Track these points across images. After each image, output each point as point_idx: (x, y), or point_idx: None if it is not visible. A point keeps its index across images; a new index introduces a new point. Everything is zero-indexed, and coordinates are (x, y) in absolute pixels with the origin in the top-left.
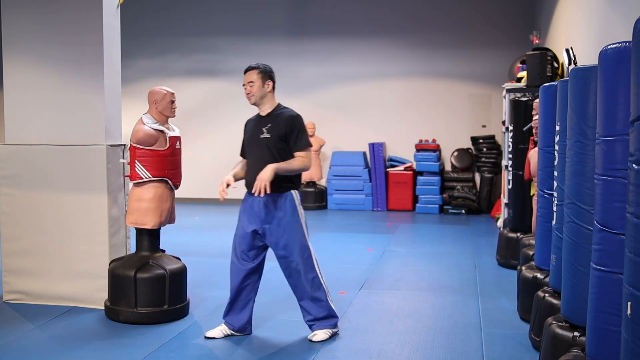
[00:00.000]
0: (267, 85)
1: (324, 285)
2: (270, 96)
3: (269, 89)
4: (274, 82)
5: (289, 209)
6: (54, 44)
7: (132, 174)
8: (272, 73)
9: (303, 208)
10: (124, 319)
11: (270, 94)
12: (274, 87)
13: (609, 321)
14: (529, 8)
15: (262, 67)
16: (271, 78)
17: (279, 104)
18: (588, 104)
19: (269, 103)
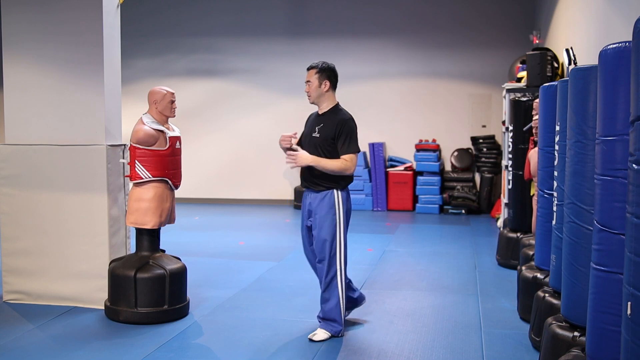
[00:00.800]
0: (324, 85)
1: (340, 291)
2: (328, 96)
3: (326, 89)
4: (333, 81)
5: (326, 206)
6: (54, 44)
7: (132, 174)
8: (331, 72)
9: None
10: (124, 319)
11: (328, 94)
12: (334, 87)
13: (609, 321)
14: (529, 8)
15: (320, 67)
16: (329, 78)
17: (337, 104)
18: (588, 104)
19: (327, 102)
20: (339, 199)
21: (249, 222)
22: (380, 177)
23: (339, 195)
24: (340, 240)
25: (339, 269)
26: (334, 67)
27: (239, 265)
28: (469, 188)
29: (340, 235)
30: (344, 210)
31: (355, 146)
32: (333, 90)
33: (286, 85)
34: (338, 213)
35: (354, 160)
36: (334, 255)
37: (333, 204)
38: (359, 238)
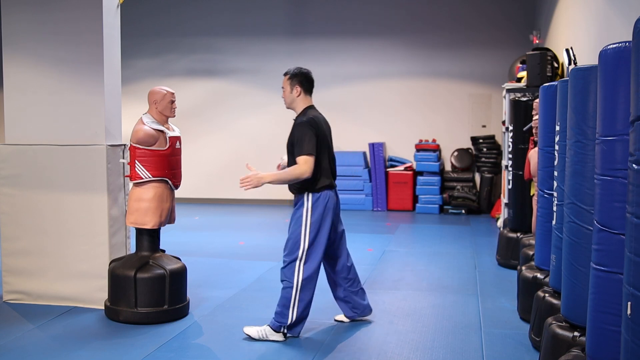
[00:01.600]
0: (296, 91)
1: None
2: (300, 100)
3: (297, 94)
4: (305, 86)
5: (298, 208)
6: (54, 44)
7: (132, 174)
8: (303, 77)
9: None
10: (124, 319)
11: (300, 98)
12: (307, 91)
13: (609, 321)
14: (529, 8)
15: (292, 72)
16: (300, 83)
17: (305, 108)
18: (588, 104)
19: (298, 108)
20: (308, 202)
21: (249, 222)
22: (380, 177)
23: (309, 198)
24: (305, 245)
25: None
26: (306, 72)
27: (239, 265)
28: (469, 188)
29: (304, 241)
30: (313, 215)
31: (305, 147)
32: (306, 94)
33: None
34: (306, 216)
35: (307, 162)
36: (294, 258)
37: (301, 207)
38: (359, 238)
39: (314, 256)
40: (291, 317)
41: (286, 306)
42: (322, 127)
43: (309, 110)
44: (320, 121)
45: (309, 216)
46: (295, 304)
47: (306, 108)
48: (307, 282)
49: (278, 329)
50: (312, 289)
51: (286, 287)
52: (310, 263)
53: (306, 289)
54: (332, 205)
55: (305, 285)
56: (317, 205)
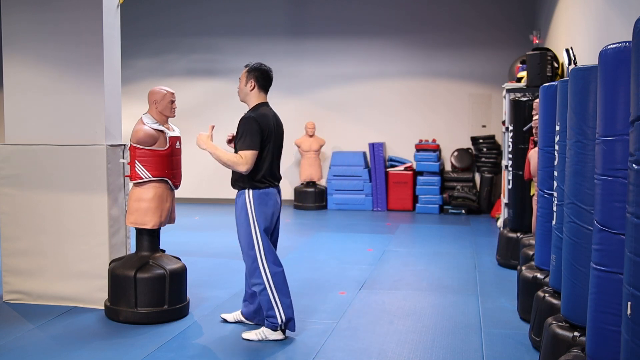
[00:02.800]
0: (250, 85)
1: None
2: (253, 95)
3: (251, 88)
4: (260, 83)
5: (240, 207)
6: (54, 44)
7: (132, 174)
8: (260, 73)
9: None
10: (124, 319)
11: (254, 93)
12: (262, 87)
13: (609, 321)
14: (529, 8)
15: (250, 67)
16: (256, 78)
17: (256, 105)
18: (588, 104)
19: (250, 102)
20: (250, 199)
21: None
22: (380, 177)
23: (250, 195)
24: (258, 243)
25: (263, 272)
26: (266, 69)
27: (239, 265)
28: (469, 188)
29: (256, 238)
30: (257, 211)
31: (247, 143)
32: (260, 90)
33: (286, 85)
34: (251, 212)
35: (246, 157)
36: (255, 259)
37: (244, 204)
38: (359, 238)
39: (269, 252)
40: (280, 317)
41: (271, 309)
42: (270, 124)
43: (261, 107)
44: (268, 118)
45: (254, 213)
46: (278, 303)
47: (258, 104)
48: (276, 276)
49: (275, 329)
50: (284, 281)
51: (261, 291)
52: (270, 257)
53: (279, 284)
54: (273, 202)
55: (277, 280)
56: (260, 201)
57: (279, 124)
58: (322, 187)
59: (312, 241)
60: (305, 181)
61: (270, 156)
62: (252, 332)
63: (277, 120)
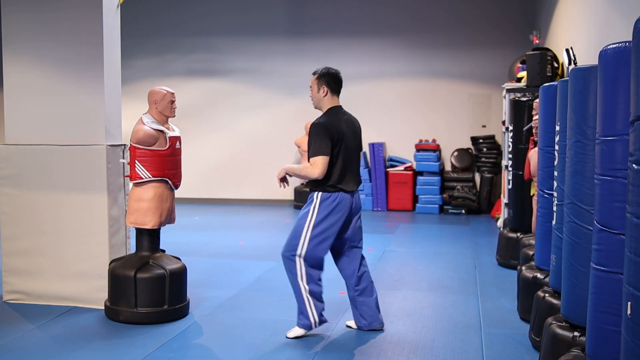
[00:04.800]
0: (322, 90)
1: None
2: (325, 101)
3: (324, 94)
4: (332, 87)
5: (306, 206)
6: (54, 43)
7: (132, 174)
8: (330, 77)
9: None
10: (124, 319)
11: (327, 98)
12: (334, 91)
13: (609, 321)
14: (529, 8)
15: (320, 73)
16: (327, 84)
17: (329, 109)
18: (588, 104)
19: (323, 108)
20: (317, 200)
21: (249, 222)
22: (380, 177)
23: (319, 197)
24: (306, 238)
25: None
26: (334, 73)
27: (239, 265)
28: (469, 188)
29: (306, 233)
30: (318, 212)
31: (317, 149)
32: (333, 94)
33: (286, 85)
34: (312, 213)
35: (316, 163)
36: (294, 249)
37: (310, 203)
38: None
39: (314, 254)
40: (312, 316)
41: (303, 308)
42: (340, 128)
43: (331, 110)
44: (339, 122)
45: (315, 214)
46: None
47: (330, 109)
48: (310, 278)
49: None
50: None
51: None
52: (309, 260)
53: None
54: (344, 208)
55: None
56: (325, 204)
57: (352, 128)
58: None
59: None
60: (305, 181)
61: (341, 161)
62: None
63: (351, 123)
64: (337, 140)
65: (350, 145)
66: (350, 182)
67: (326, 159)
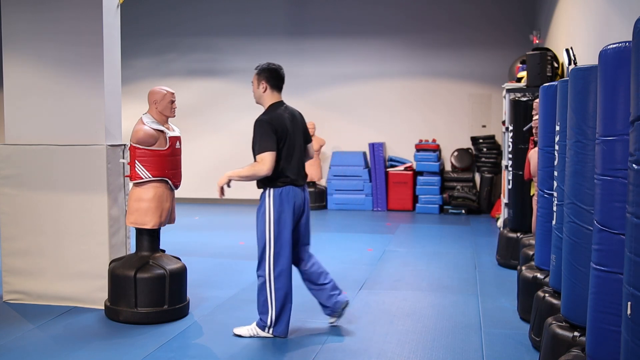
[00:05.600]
0: (262, 86)
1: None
2: (265, 96)
3: (263, 90)
4: (272, 83)
5: (260, 205)
6: (54, 44)
7: (132, 174)
8: (270, 73)
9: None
10: (124, 319)
11: (267, 94)
12: (274, 87)
13: (609, 321)
14: (529, 8)
15: (259, 69)
16: (267, 79)
17: (270, 105)
18: (588, 104)
19: (264, 104)
20: (270, 198)
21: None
22: (380, 177)
23: (271, 194)
24: (270, 240)
25: (267, 268)
26: (274, 68)
27: (239, 265)
28: (469, 188)
29: (269, 235)
30: (275, 210)
31: (263, 145)
32: (273, 90)
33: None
34: (269, 212)
35: (264, 159)
36: (263, 253)
37: (264, 202)
38: (359, 238)
39: (281, 252)
40: (270, 317)
41: (265, 307)
42: (284, 123)
43: (273, 106)
44: (282, 117)
45: (271, 212)
46: (272, 303)
47: (272, 105)
48: (279, 278)
49: (262, 329)
50: (285, 285)
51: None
52: (279, 259)
53: (279, 286)
54: (297, 201)
55: (278, 281)
56: (279, 200)
57: (296, 121)
58: (322, 187)
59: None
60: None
61: (288, 156)
62: (244, 328)
63: (294, 117)
64: (282, 135)
65: (295, 140)
66: (299, 176)
67: (273, 154)
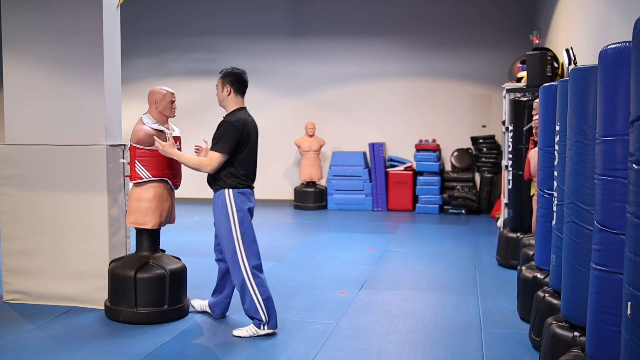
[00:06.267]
0: (226, 90)
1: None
2: (230, 100)
3: (227, 93)
4: (236, 87)
5: (220, 207)
6: (54, 44)
7: (132, 173)
8: (234, 77)
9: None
10: (124, 319)
11: (231, 98)
12: (238, 91)
13: (609, 321)
14: (529, 8)
15: (224, 72)
16: (231, 83)
17: (234, 110)
18: (588, 104)
19: (228, 107)
20: (231, 198)
21: None
22: (380, 177)
23: (231, 193)
24: (238, 239)
25: (242, 267)
26: (239, 73)
27: None
28: (469, 188)
29: (236, 234)
30: (237, 210)
31: (221, 145)
32: (237, 95)
33: (286, 84)
34: (232, 213)
35: (215, 159)
36: (234, 254)
37: (224, 203)
38: (359, 238)
39: (251, 248)
40: (262, 313)
41: (253, 306)
42: (248, 127)
43: (239, 111)
44: (248, 124)
45: (234, 212)
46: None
47: (236, 109)
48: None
49: (259, 327)
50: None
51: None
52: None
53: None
54: (251, 203)
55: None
56: (240, 200)
57: (255, 128)
58: (322, 187)
59: (312, 241)
60: (305, 181)
61: (248, 158)
62: (243, 329)
63: (254, 124)
64: (246, 137)
65: (254, 144)
66: (253, 179)
67: (224, 157)
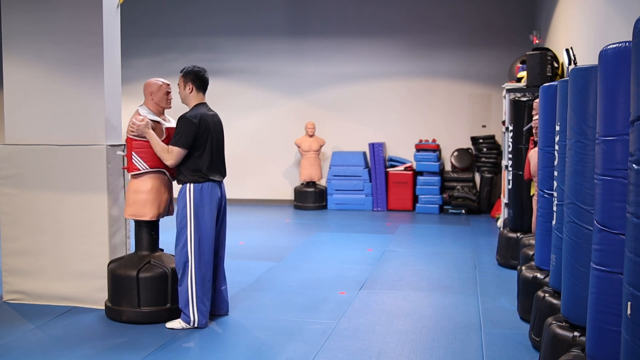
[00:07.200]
0: (188, 88)
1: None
2: (191, 97)
3: (189, 91)
4: (197, 84)
5: (180, 201)
6: (54, 44)
7: (130, 165)
8: (195, 75)
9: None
10: (127, 319)
11: (192, 95)
12: (199, 89)
13: (609, 321)
14: (529, 8)
15: (184, 71)
16: (192, 81)
17: (195, 105)
18: (588, 104)
19: (189, 104)
20: (190, 193)
21: (249, 222)
22: (380, 177)
23: (191, 188)
24: (190, 233)
25: (189, 261)
26: (199, 71)
27: (238, 265)
28: (469, 188)
29: (189, 228)
30: (194, 204)
31: (180, 140)
32: (198, 92)
33: (286, 84)
34: (189, 206)
35: (174, 153)
36: (184, 246)
37: (184, 197)
38: (359, 238)
39: (201, 241)
40: (192, 316)
41: (186, 305)
42: (207, 120)
43: (198, 107)
44: (207, 116)
45: (191, 206)
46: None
47: (197, 105)
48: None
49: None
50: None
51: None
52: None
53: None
54: (216, 197)
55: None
56: (199, 195)
57: (217, 123)
58: (322, 187)
59: (312, 241)
60: (305, 181)
61: (209, 153)
62: (176, 322)
63: (216, 119)
64: (205, 131)
65: (217, 138)
66: (218, 172)
67: (184, 152)
